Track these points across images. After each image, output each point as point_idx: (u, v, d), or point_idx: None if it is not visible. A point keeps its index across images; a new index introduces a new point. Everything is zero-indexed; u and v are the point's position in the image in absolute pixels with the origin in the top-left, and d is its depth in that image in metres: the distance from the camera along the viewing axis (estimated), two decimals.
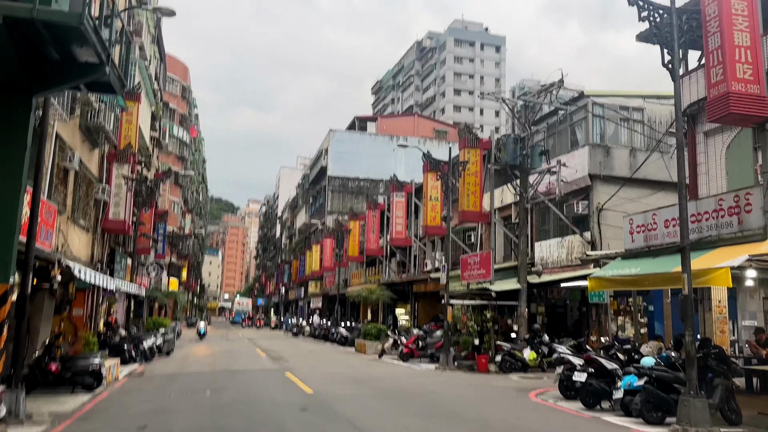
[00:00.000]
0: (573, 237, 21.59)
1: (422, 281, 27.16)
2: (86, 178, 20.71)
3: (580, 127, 22.02)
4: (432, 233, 25.13)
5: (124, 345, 20.32)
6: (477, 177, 20.67)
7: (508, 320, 19.81)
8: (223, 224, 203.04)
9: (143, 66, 28.09)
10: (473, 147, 20.67)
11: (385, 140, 52.85)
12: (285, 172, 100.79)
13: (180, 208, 59.78)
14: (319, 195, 54.62)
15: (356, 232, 38.25)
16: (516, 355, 18.30)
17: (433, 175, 24.71)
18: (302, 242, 61.46)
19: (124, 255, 27.70)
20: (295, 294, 63.13)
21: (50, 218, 15.15)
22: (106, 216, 22.93)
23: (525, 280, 19.55)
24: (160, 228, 39.68)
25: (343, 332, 31.69)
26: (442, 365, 19.14)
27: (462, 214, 20.73)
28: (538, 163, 19.99)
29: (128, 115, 25.08)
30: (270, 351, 26.67)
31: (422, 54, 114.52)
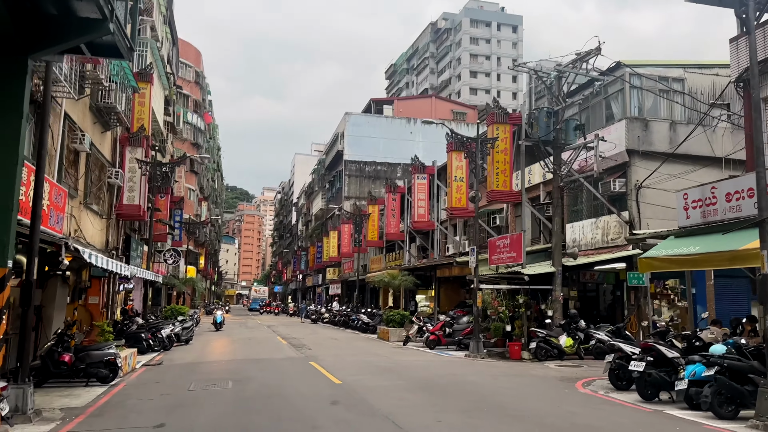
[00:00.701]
0: (609, 217, 20.47)
1: (446, 266, 26.15)
2: (98, 162, 19.92)
3: (616, 100, 20.78)
4: (457, 215, 24.08)
5: (142, 334, 19.61)
6: (506, 155, 19.54)
7: (541, 305, 18.77)
8: (239, 212, 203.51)
9: (155, 47, 27.17)
10: (502, 122, 19.53)
11: (402, 123, 51.69)
12: (300, 158, 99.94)
13: (196, 195, 59.24)
14: (335, 180, 53.68)
15: (375, 216, 37.28)
16: (552, 342, 17.29)
17: (458, 155, 23.62)
18: (319, 228, 60.67)
19: (140, 242, 27.00)
20: (313, 281, 62.48)
21: (60, 202, 14.34)
22: (120, 201, 22.16)
23: (560, 263, 18.48)
24: (177, 215, 39.04)
25: (365, 319, 30.85)
26: (472, 353, 18.19)
27: (491, 194, 19.65)
28: (573, 138, 18.81)
29: (140, 96, 24.21)
30: (291, 338, 25.90)
31: (437, 36, 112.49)
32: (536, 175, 23.37)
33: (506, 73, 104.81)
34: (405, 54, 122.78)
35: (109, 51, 8.54)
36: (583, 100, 21.35)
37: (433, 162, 30.35)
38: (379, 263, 38.83)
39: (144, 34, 26.87)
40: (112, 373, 12.55)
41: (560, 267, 18.49)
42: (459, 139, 22.59)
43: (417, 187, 28.24)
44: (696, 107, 19.68)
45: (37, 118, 10.75)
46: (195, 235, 53.11)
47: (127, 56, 8.30)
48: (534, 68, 18.61)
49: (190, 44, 59.74)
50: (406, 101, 59.23)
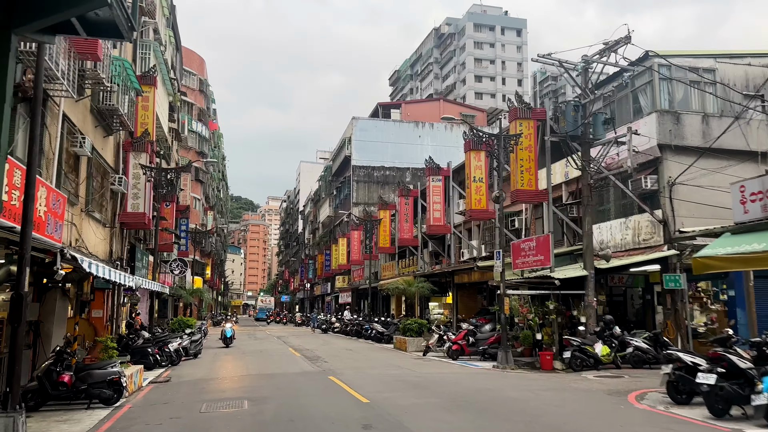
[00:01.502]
0: (640, 216, 19.33)
1: (465, 271, 25.01)
2: (101, 168, 18.91)
3: (644, 93, 19.68)
4: (477, 217, 22.95)
5: (148, 348, 18.52)
6: (531, 152, 18.43)
7: (573, 311, 17.61)
8: (244, 222, 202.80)
9: (158, 49, 26.22)
10: (525, 118, 18.43)
11: (410, 127, 50.67)
12: (305, 166, 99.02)
13: (201, 204, 58.39)
14: (343, 186, 52.63)
15: (387, 221, 36.16)
16: (587, 351, 16.12)
17: (476, 154, 22.51)
18: (327, 236, 59.59)
19: (145, 252, 25.97)
20: (321, 289, 61.32)
21: (59, 208, 13.30)
22: (124, 209, 21.15)
23: (592, 266, 17.34)
24: (182, 224, 38.05)
25: (379, 328, 29.69)
26: (500, 364, 17.02)
27: (516, 194, 18.53)
28: (602, 133, 17.72)
29: (144, 100, 23.27)
30: (304, 350, 24.77)
31: (441, 41, 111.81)
32: (557, 174, 22.28)
33: (511, 76, 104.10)
34: (408, 60, 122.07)
35: (106, 29, 7.38)
36: (608, 94, 20.24)
37: (449, 163, 29.21)
38: (390, 270, 37.68)
39: (146, 37, 25.96)
40: (116, 394, 11.47)
41: (593, 270, 17.35)
42: (479, 137, 21.52)
43: (432, 189, 27.11)
44: (729, 98, 18.58)
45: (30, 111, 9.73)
46: (201, 245, 52.15)
47: (127, 35, 7.18)
48: (559, 59, 17.53)
49: (193, 52, 59.07)
50: (414, 105, 58.23)
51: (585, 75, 17.82)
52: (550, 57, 17.41)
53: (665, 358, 10.88)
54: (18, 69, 11.48)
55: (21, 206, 9.63)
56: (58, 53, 12.41)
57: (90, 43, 14.11)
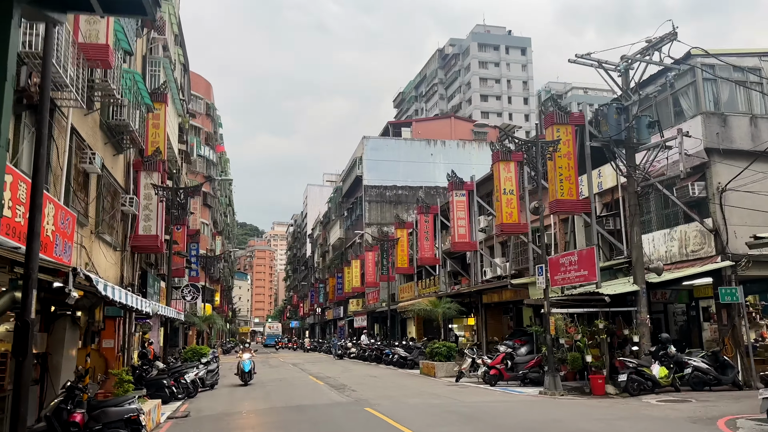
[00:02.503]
0: (686, 226, 18.04)
1: (495, 290, 23.65)
2: (111, 187, 17.78)
3: (686, 95, 18.52)
4: (509, 232, 21.65)
5: (164, 380, 17.19)
6: (570, 159, 17.22)
7: (624, 330, 16.22)
8: (250, 248, 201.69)
9: (168, 66, 25.31)
10: (563, 123, 17.26)
11: (422, 145, 49.67)
12: (312, 189, 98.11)
13: (210, 230, 57.29)
14: (354, 207, 51.46)
15: (404, 241, 34.86)
16: (644, 373, 14.72)
17: (506, 165, 21.29)
18: (338, 258, 58.25)
19: (156, 278, 24.77)
20: (333, 314, 59.80)
21: (68, 228, 12.14)
22: (135, 231, 19.96)
23: (643, 280, 16.03)
24: (193, 249, 36.87)
25: (401, 353, 28.22)
26: (548, 389, 15.59)
27: (555, 205, 17.27)
28: (647, 137, 16.53)
29: (155, 118, 22.26)
30: (325, 378, 23.33)
31: (445, 62, 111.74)
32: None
33: (517, 95, 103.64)
34: (413, 82, 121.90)
35: (126, 6, 6.14)
36: (650, 96, 19.10)
37: (472, 177, 27.97)
38: (409, 291, 36.27)
39: (156, 53, 25.05)
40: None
41: (644, 285, 16.03)
42: (507, 148, 20.36)
43: (455, 205, 25.88)
44: None
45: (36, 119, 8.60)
46: (210, 271, 50.93)
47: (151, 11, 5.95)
48: (599, 59, 16.42)
49: (200, 76, 58.48)
50: (425, 123, 57.32)
51: (626, 75, 16.70)
52: (588, 57, 16.31)
53: (763, 380, 9.52)
54: (23, 72, 10.38)
55: (26, 223, 8.47)
56: (66, 57, 11.34)
57: (100, 49, 13.09)
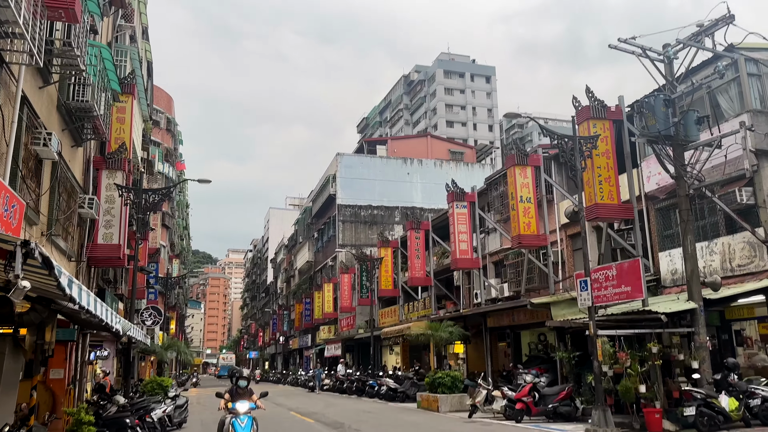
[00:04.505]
0: (730, 238, 16.09)
1: (506, 311, 21.21)
2: (67, 183, 14.75)
3: (726, 93, 16.75)
4: (527, 244, 19.36)
5: (126, 419, 13.95)
6: (609, 158, 15.15)
7: (679, 355, 13.99)
8: (203, 276, 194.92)
9: (135, 58, 22.45)
10: (600, 118, 15.22)
11: (398, 163, 47.51)
12: (275, 213, 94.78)
13: (167, 252, 53.47)
14: (326, 228, 48.66)
15: (388, 261, 32.23)
16: (714, 406, 12.45)
17: (521, 170, 19.08)
18: (306, 283, 55.05)
19: (115, 298, 21.52)
20: (300, 342, 56.28)
21: (14, 219, 9.23)
22: (94, 239, 16.85)
23: (700, 297, 13.89)
24: (153, 269, 33.42)
25: (391, 384, 25.39)
26: (598, 426, 13.14)
27: (594, 210, 15.08)
28: (696, 134, 14.58)
29: (119, 111, 19.35)
30: (311, 414, 20.35)
31: (410, 87, 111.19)
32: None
33: (482, 122, 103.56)
34: (378, 107, 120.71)
35: None
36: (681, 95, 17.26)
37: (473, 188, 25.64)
38: (391, 316, 33.52)
39: (123, 42, 22.18)
40: None
41: (701, 302, 13.87)
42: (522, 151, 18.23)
43: (456, 217, 23.51)
44: None
45: None
46: (166, 297, 47.13)
47: None
48: (642, 46, 14.48)
49: (161, 89, 55.22)
50: (401, 141, 55.27)
51: (671, 65, 14.79)
52: (632, 42, 14.35)
53: None
54: None
55: None
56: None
57: None
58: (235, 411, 9.70)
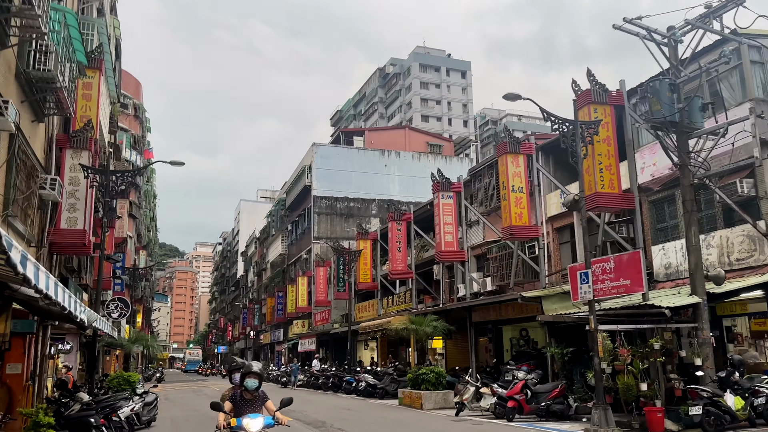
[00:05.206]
0: (728, 231, 15.59)
1: (492, 305, 20.49)
2: (27, 161, 13.45)
3: (727, 81, 16.22)
4: (519, 236, 18.63)
5: (91, 417, 12.79)
6: (610, 145, 14.46)
7: (681, 351, 13.39)
8: (170, 269, 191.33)
9: (104, 32, 21.02)
10: (601, 103, 14.52)
11: (375, 155, 46.55)
12: (245, 205, 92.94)
13: (134, 243, 51.66)
14: (301, 220, 47.47)
15: (367, 253, 31.29)
16: (721, 405, 11.85)
17: (513, 158, 18.33)
18: (278, 277, 53.78)
19: (79, 288, 20.18)
20: (271, 337, 55.00)
21: None
22: (56, 224, 15.54)
23: (704, 291, 13.30)
24: (119, 260, 31.90)
25: (370, 380, 24.48)
26: (598, 426, 12.45)
27: (595, 199, 14.39)
28: (700, 121, 13.99)
29: (86, 88, 18.02)
30: (287, 411, 19.25)
31: (385, 81, 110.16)
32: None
33: (457, 117, 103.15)
34: (351, 100, 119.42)
35: None
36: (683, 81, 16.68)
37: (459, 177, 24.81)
38: (369, 310, 32.62)
39: (89, 15, 20.77)
40: None
41: (704, 296, 13.29)
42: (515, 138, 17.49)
43: (441, 208, 22.64)
44: None
45: None
46: (132, 289, 45.48)
47: None
48: (647, 27, 13.80)
49: (129, 73, 53.15)
50: (378, 132, 54.26)
51: (676, 48, 14.15)
52: (638, 23, 13.65)
53: None
54: None
55: None
56: None
57: None
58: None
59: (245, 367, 6.56)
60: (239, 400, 6.42)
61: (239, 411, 6.32)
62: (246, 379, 6.44)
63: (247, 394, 6.43)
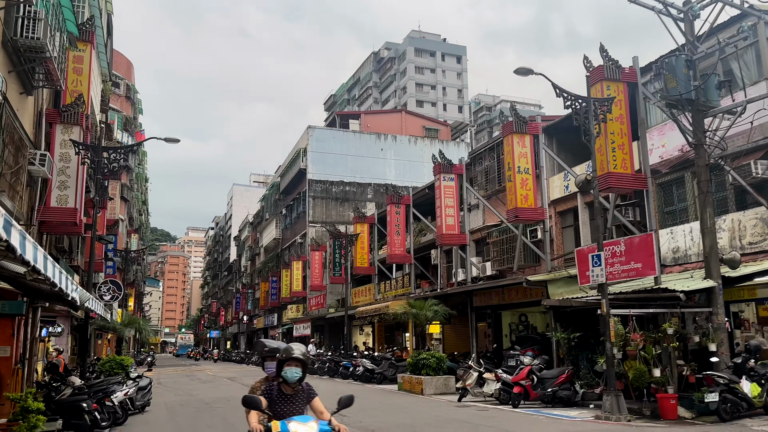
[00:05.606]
0: (740, 215, 15.17)
1: (495, 290, 20.07)
2: (14, 134, 12.82)
3: (742, 58, 15.72)
4: (525, 218, 18.15)
5: (83, 402, 12.29)
6: (623, 124, 13.97)
7: (695, 336, 13.03)
8: (162, 254, 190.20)
9: (96, 5, 20.26)
10: (614, 79, 14.01)
11: (372, 139, 45.88)
12: (238, 190, 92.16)
13: (125, 226, 50.94)
14: (295, 204, 46.83)
15: (364, 237, 30.78)
16: (738, 392, 11.50)
17: (520, 138, 17.80)
18: (272, 261, 53.23)
19: (70, 269, 19.59)
20: (265, 321, 54.56)
21: None
22: (46, 201, 14.94)
23: (719, 275, 12.91)
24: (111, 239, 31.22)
25: (368, 365, 24.09)
26: (610, 413, 12.09)
27: (607, 180, 13.91)
28: (716, 99, 13.52)
29: (76, 61, 17.35)
30: None
31: (380, 65, 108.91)
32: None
33: (452, 103, 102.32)
34: (345, 84, 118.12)
35: None
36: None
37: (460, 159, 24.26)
38: (365, 295, 32.18)
39: None
40: None
41: (719, 280, 12.89)
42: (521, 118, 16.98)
43: (443, 190, 22.10)
44: None
45: None
46: (124, 273, 44.84)
47: None
48: (664, 1, 13.27)
49: (120, 53, 52.08)
50: (374, 115, 53.53)
51: (692, 23, 13.63)
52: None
53: None
54: None
55: None
56: None
57: None
58: None
59: (283, 351, 4.86)
60: (276, 396, 4.82)
61: (276, 410, 4.75)
62: (284, 368, 4.75)
63: (287, 387, 4.81)
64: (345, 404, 4.84)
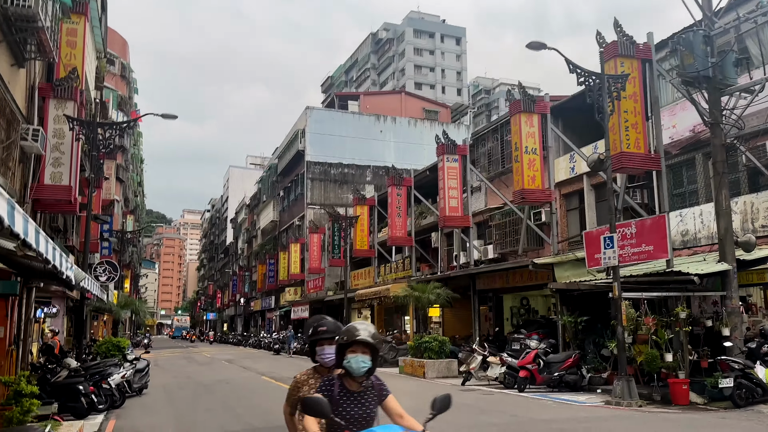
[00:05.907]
0: (754, 197, 14.82)
1: (499, 273, 19.72)
2: (6, 107, 12.30)
3: (756, 36, 15.26)
4: (532, 200, 17.75)
5: (79, 385, 11.95)
6: (637, 102, 13.54)
7: (707, 321, 12.73)
8: (158, 236, 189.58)
9: None
10: (628, 56, 13.55)
11: (371, 120, 45.26)
12: (234, 172, 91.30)
13: (121, 207, 50.40)
14: (293, 186, 46.32)
15: (364, 219, 30.37)
16: (753, 377, 11.21)
17: (527, 117, 17.33)
18: (269, 243, 52.82)
19: (64, 249, 19.08)
20: (262, 304, 54.28)
21: None
22: (40, 179, 14.46)
23: (734, 258, 12.57)
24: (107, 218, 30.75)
25: None
26: (621, 398, 11.80)
27: (620, 159, 13.50)
28: (734, 77, 13.09)
29: (70, 34, 16.76)
30: (284, 379, 18.60)
31: (378, 46, 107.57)
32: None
33: (451, 85, 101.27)
34: (343, 66, 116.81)
35: None
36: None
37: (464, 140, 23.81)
38: (364, 278, 31.85)
39: None
40: None
41: (734, 263, 12.56)
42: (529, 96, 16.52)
43: (446, 171, 21.64)
44: None
45: None
46: (120, 254, 44.39)
47: None
48: None
49: (114, 31, 51.11)
50: (374, 97, 52.89)
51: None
52: None
53: None
54: None
55: None
56: None
57: None
58: None
59: (344, 333, 3.38)
60: (339, 395, 3.35)
61: (340, 414, 3.30)
62: (347, 356, 3.33)
63: (351, 383, 3.39)
64: (442, 407, 3.32)
